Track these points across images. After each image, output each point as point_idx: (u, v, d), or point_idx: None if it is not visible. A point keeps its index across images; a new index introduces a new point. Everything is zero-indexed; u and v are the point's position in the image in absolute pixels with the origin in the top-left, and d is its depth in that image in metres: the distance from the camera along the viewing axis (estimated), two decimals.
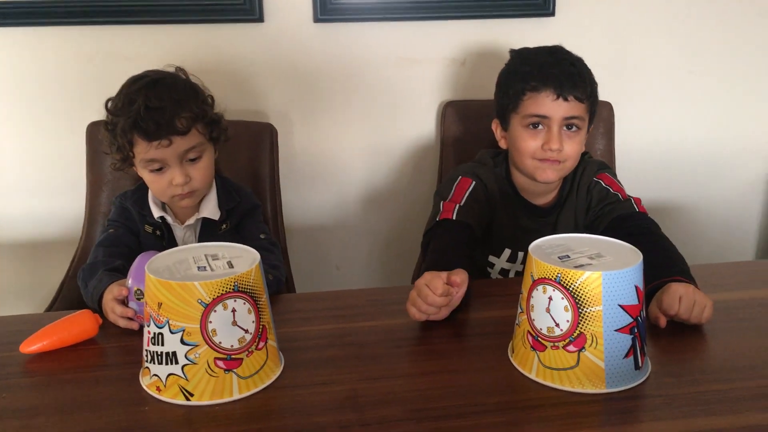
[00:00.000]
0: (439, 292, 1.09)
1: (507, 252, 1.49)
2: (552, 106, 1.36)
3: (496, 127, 1.51)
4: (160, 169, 1.34)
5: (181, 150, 1.32)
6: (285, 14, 1.79)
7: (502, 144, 1.49)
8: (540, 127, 1.39)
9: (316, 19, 1.79)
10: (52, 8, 1.70)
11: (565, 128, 1.38)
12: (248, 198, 1.49)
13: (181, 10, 1.74)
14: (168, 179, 1.34)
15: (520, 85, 1.39)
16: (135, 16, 1.73)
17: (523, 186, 1.47)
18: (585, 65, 1.42)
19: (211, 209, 1.43)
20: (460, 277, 1.12)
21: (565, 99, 1.35)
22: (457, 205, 1.39)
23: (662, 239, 1.31)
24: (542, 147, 1.37)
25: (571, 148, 1.38)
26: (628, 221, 1.36)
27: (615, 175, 1.49)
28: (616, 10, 1.89)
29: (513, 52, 1.48)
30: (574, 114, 1.37)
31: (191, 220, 1.42)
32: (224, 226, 1.44)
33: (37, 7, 1.70)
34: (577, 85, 1.36)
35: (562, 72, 1.36)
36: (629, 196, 1.42)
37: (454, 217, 1.38)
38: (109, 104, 1.36)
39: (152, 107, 1.29)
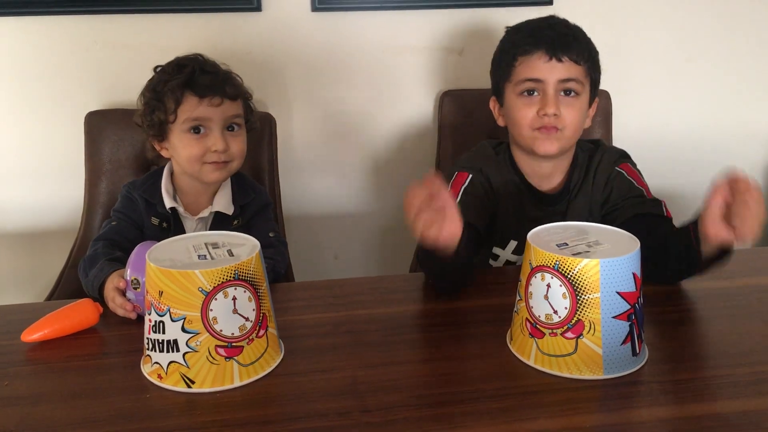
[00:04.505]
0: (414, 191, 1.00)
1: (513, 244, 1.42)
2: (545, 68, 1.30)
3: (493, 105, 1.45)
4: (200, 132, 1.35)
5: (228, 114, 1.36)
6: (283, 3, 1.79)
7: (500, 122, 1.44)
8: (535, 93, 1.32)
9: (314, 8, 1.79)
10: None
11: (562, 93, 1.32)
12: (261, 195, 1.50)
13: None
14: (207, 144, 1.35)
15: (512, 52, 1.34)
16: (133, 5, 1.73)
17: (528, 170, 1.41)
18: (583, 33, 1.35)
19: (225, 203, 1.43)
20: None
21: (559, 60, 1.29)
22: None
23: None
24: (537, 113, 1.31)
25: (570, 114, 1.31)
26: (663, 227, 1.29)
27: (636, 166, 1.42)
28: None
29: (507, 27, 1.43)
30: (570, 76, 1.30)
31: (204, 213, 1.42)
32: (236, 221, 1.44)
33: None
34: (571, 45, 1.30)
35: (555, 33, 1.31)
36: (655, 197, 1.35)
37: None
38: (158, 69, 1.41)
39: (206, 70, 1.36)
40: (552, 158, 1.37)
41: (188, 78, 1.33)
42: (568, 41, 1.31)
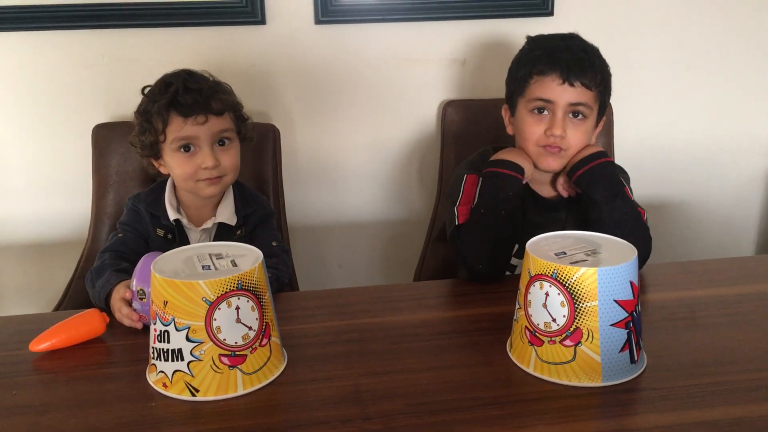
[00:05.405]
0: None
1: (515, 247, 1.44)
2: (557, 91, 1.35)
3: (505, 112, 1.49)
4: (190, 150, 1.36)
5: (214, 130, 1.36)
6: (287, 16, 1.81)
7: (509, 130, 1.48)
8: (545, 112, 1.37)
9: (317, 21, 1.81)
10: (57, 13, 1.73)
11: (570, 115, 1.36)
12: (263, 205, 1.51)
13: (185, 13, 1.76)
14: (197, 162, 1.36)
15: (528, 68, 1.38)
16: (139, 20, 1.75)
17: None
18: (598, 54, 1.40)
19: (227, 214, 1.44)
20: None
21: (572, 84, 1.34)
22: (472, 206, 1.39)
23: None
24: (545, 132, 1.36)
25: (575, 136, 1.36)
26: None
27: (629, 183, 1.47)
28: (613, 8, 1.91)
29: (528, 38, 1.47)
30: (580, 101, 1.35)
31: (208, 224, 1.44)
32: (239, 232, 1.46)
33: (42, 11, 1.72)
34: (586, 71, 1.34)
35: (570, 57, 1.35)
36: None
37: None
38: (146, 90, 1.41)
39: (190, 88, 1.36)
40: (553, 172, 1.43)
41: (172, 98, 1.34)
42: (582, 66, 1.35)
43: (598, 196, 1.34)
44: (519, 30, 1.86)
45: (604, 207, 1.33)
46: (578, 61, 1.35)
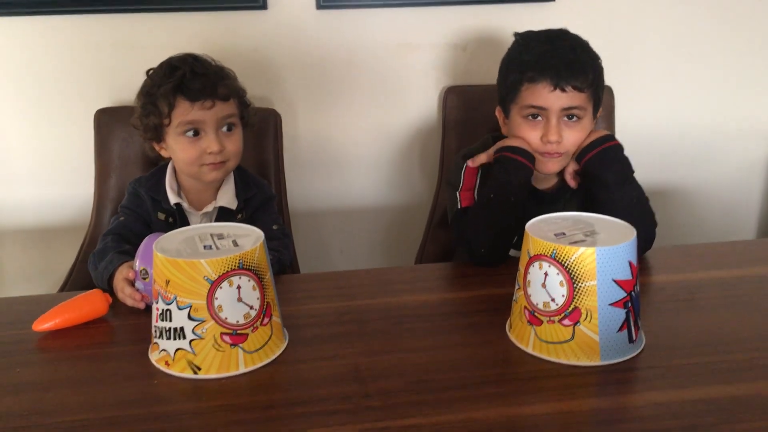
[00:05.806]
0: None
1: (514, 238, 1.44)
2: (549, 98, 1.33)
3: (499, 114, 1.49)
4: (195, 135, 1.37)
5: (220, 115, 1.37)
6: (288, 2, 1.81)
7: (504, 131, 1.47)
8: (539, 118, 1.36)
9: (319, 6, 1.81)
10: None
11: (565, 118, 1.35)
12: (264, 189, 1.51)
13: None
14: (202, 147, 1.37)
15: (518, 75, 1.37)
16: (141, 4, 1.75)
17: None
18: (588, 51, 1.38)
19: (228, 198, 1.45)
20: None
21: (563, 90, 1.32)
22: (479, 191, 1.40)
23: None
24: (541, 139, 1.35)
25: (572, 137, 1.35)
26: None
27: None
28: None
29: (516, 36, 1.44)
30: (573, 104, 1.33)
31: (209, 208, 1.45)
32: (240, 216, 1.46)
33: None
34: (576, 74, 1.32)
35: (560, 61, 1.32)
36: None
37: None
38: (150, 72, 1.42)
39: (198, 72, 1.36)
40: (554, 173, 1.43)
41: (179, 82, 1.35)
42: (572, 70, 1.32)
43: (610, 179, 1.33)
44: (520, 15, 1.87)
45: (615, 190, 1.32)
46: (568, 64, 1.32)
